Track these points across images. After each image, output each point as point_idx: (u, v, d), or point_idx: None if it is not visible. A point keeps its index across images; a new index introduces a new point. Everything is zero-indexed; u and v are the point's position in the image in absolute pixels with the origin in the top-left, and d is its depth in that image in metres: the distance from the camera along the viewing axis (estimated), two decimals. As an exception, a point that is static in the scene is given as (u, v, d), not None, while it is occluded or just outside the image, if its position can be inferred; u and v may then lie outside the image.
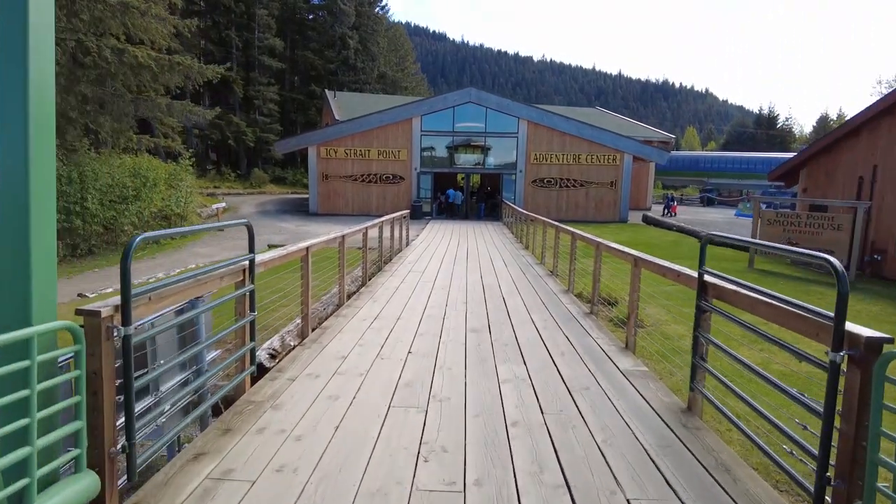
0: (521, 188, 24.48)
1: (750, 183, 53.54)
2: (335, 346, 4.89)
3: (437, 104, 24.28)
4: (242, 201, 34.29)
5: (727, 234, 3.65)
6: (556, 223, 9.81)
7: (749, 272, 13.40)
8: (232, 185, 45.34)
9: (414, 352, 4.75)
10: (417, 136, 23.99)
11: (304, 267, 5.08)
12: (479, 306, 6.73)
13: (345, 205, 24.26)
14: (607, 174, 24.29)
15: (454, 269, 9.77)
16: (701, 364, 3.56)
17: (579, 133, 24.05)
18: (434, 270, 9.59)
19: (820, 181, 16.30)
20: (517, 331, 5.56)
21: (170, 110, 15.76)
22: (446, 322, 5.86)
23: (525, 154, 24.25)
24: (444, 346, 4.96)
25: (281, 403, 3.55)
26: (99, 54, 13.45)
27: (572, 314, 6.44)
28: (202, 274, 3.07)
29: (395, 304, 6.75)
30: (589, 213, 24.29)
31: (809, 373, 4.06)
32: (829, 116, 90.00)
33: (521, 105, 24.74)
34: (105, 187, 14.88)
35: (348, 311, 6.22)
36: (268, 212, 26.03)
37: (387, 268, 9.80)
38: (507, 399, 3.72)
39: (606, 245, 6.03)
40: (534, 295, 7.60)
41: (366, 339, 5.14)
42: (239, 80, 47.24)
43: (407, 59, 65.21)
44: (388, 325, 5.65)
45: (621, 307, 7.94)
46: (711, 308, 3.51)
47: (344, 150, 23.90)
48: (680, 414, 3.58)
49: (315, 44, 53.19)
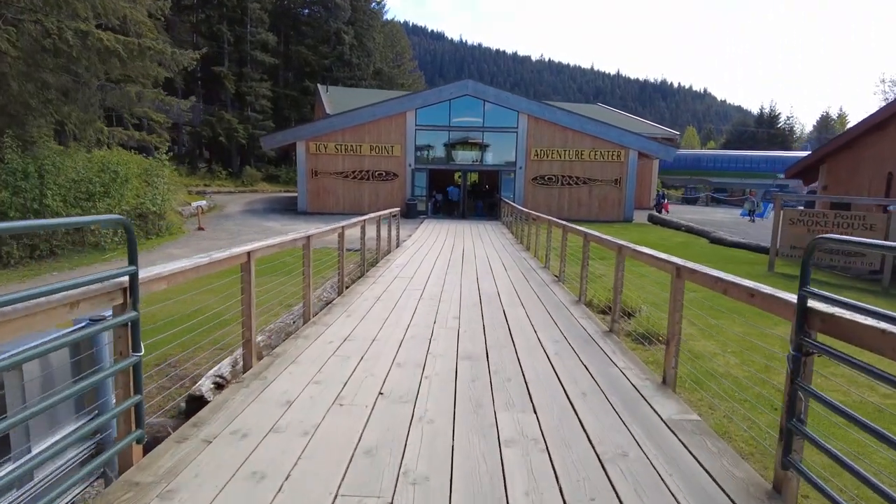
0: (521, 186, 23.29)
1: (753, 182, 52.49)
2: (283, 383, 3.71)
3: (432, 97, 23.06)
4: (232, 199, 33.14)
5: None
6: (565, 222, 8.64)
7: (770, 276, 12.28)
8: (223, 183, 44.20)
9: (387, 393, 3.57)
10: (412, 131, 22.78)
11: (245, 278, 3.90)
12: (474, 322, 5.56)
13: (335, 203, 23.04)
14: (611, 171, 23.10)
15: (447, 275, 8.59)
16: (799, 429, 2.39)
17: (582, 128, 22.86)
18: (424, 276, 8.42)
19: (841, 178, 15.18)
20: (522, 358, 4.39)
21: (140, 100, 14.50)
22: (433, 345, 4.68)
23: (525, 150, 23.05)
24: (428, 382, 3.79)
25: (176, 489, 2.38)
26: (60, 37, 12.23)
27: (588, 333, 5.27)
28: (28, 299, 1.89)
29: (372, 320, 5.57)
30: (592, 212, 23.11)
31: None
32: (830, 116, 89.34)
33: (520, 98, 23.53)
34: (69, 183, 13.65)
35: (313, 331, 5.04)
36: (255, 210, 24.82)
37: (371, 273, 8.62)
38: (513, 477, 2.55)
39: (633, 249, 4.86)
40: (539, 306, 6.43)
41: (326, 372, 3.96)
42: (230, 76, 46.12)
43: (404, 55, 63.99)
44: (359, 351, 4.47)
45: (641, 319, 6.79)
46: (819, 347, 2.34)
47: (334, 145, 22.68)
48: (766, 502, 2.42)
49: (309, 39, 51.98)
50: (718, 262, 13.51)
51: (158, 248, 15.31)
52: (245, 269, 3.91)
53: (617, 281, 5.24)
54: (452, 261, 10.38)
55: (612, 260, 10.97)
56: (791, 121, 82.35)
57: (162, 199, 17.15)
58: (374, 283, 7.76)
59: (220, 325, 4.91)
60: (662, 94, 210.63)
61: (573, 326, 5.51)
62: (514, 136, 23.04)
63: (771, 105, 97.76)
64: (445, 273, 8.78)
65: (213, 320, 4.73)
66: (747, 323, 6.69)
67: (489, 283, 7.97)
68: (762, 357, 6.30)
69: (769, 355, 6.47)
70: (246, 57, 47.53)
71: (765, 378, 5.38)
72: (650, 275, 8.08)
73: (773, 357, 6.51)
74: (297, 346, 4.57)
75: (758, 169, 52.84)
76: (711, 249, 16.33)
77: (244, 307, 3.94)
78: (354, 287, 7.36)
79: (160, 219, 17.36)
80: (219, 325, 4.91)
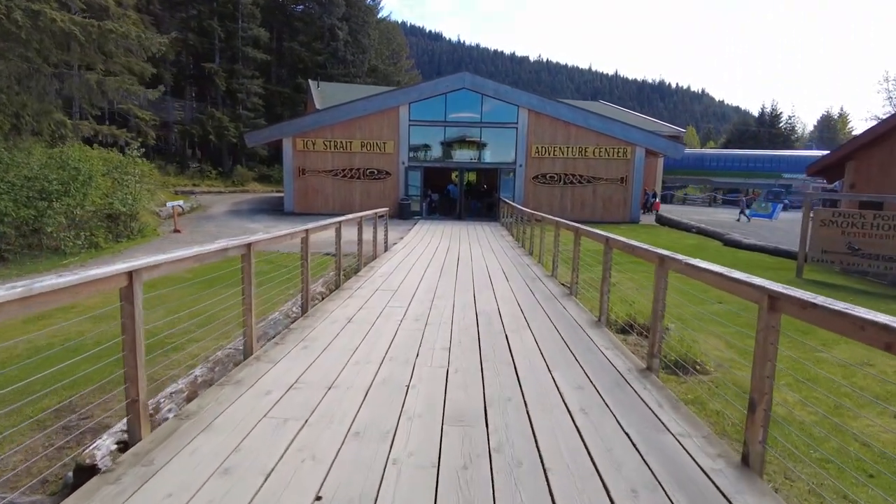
0: (521, 185, 21.96)
1: (757, 182, 51.30)
2: (174, 474, 2.41)
3: (427, 90, 21.70)
4: (220, 200, 31.92)
5: None
6: (578, 225, 7.36)
7: (799, 282, 11.01)
8: (213, 182, 42.92)
9: (328, 497, 2.28)
10: (405, 127, 21.43)
11: (127, 309, 2.61)
12: (469, 355, 4.27)
13: (324, 203, 21.70)
14: (617, 169, 21.78)
15: (438, 287, 7.30)
16: None
17: (586, 123, 21.53)
18: (411, 288, 7.12)
19: (872, 175, 13.93)
20: (535, 420, 3.10)
21: (102, 88, 13.10)
22: (411, 398, 3.38)
23: (526, 147, 21.72)
24: (396, 472, 2.49)
25: None
26: (8, 16, 10.90)
27: (619, 372, 3.98)
28: None
29: (335, 353, 4.28)
30: (596, 213, 21.79)
31: None
32: (831, 115, 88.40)
33: (520, 92, 22.17)
34: (21, 180, 12.32)
35: (249, 373, 3.73)
36: (240, 211, 23.49)
37: (348, 285, 7.31)
38: None
39: (684, 263, 3.58)
40: (551, 331, 5.14)
41: (246, 450, 2.66)
42: (221, 73, 44.89)
43: (401, 53, 62.70)
44: (305, 409, 3.17)
45: (672, 341, 5.52)
46: None
47: (323, 141, 21.33)
48: None
49: (303, 35, 50.75)
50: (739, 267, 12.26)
51: (126, 251, 13.98)
52: (126, 298, 2.62)
53: (658, 303, 3.95)
54: (446, 268, 9.09)
55: (625, 266, 9.44)
56: (792, 120, 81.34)
57: (133, 199, 15.81)
58: (350, 297, 6.46)
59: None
60: (660, 95, 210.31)
61: (598, 361, 4.23)
62: (514, 132, 21.72)
63: (773, 104, 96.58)
64: (436, 284, 7.49)
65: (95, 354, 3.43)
66: (789, 335, 5.45)
67: (488, 297, 6.69)
68: (823, 389, 5.04)
69: (832, 387, 5.20)
70: (237, 53, 46.31)
71: (840, 425, 4.11)
72: (686, 285, 6.79)
73: (841, 392, 5.25)
74: (220, 399, 3.27)
75: (762, 168, 51.64)
76: (727, 253, 15.06)
77: (125, 352, 2.65)
78: (323, 304, 6.06)
79: (132, 220, 16.03)
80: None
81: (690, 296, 7.46)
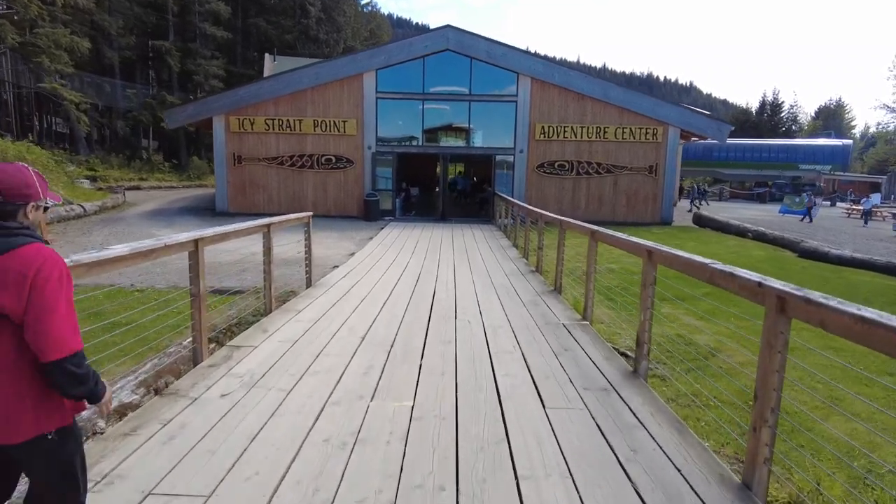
0: (522, 176, 17.15)
1: (771, 174, 47.12)
2: None
3: (399, 53, 16.72)
4: (160, 196, 26.97)
5: None
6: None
7: None
8: (164, 176, 37.80)
9: None
10: (371, 101, 16.53)
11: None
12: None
13: (268, 200, 16.74)
14: (644, 156, 17.06)
15: (384, 381, 2.52)
16: None
17: (605, 96, 16.76)
18: (323, 393, 2.36)
19: None
20: None
21: None
22: None
23: (528, 126, 16.91)
24: None
25: None
26: None
27: None
28: None
29: None
30: (618, 212, 17.11)
31: None
32: (830, 106, 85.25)
33: (521, 53, 17.22)
34: None
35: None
36: (167, 211, 18.46)
37: (197, 375, 2.51)
38: None
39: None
40: None
41: None
42: (175, 52, 39.62)
43: (381, 34, 57.53)
44: None
45: None
46: None
47: (264, 120, 16.35)
48: None
49: (270, 12, 45.37)
50: (877, 301, 7.66)
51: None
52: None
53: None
54: (410, 320, 4.34)
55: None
56: (795, 109, 77.56)
57: None
58: (168, 422, 1.66)
59: None
60: (649, 88, 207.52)
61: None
62: (514, 108, 16.87)
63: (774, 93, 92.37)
64: (382, 368, 2.73)
65: None
66: None
67: (491, 412, 1.93)
68: None
69: None
70: (194, 30, 41.01)
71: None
72: None
73: None
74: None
75: (776, 159, 47.43)
76: (832, 276, 10.39)
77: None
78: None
79: None
80: None
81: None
